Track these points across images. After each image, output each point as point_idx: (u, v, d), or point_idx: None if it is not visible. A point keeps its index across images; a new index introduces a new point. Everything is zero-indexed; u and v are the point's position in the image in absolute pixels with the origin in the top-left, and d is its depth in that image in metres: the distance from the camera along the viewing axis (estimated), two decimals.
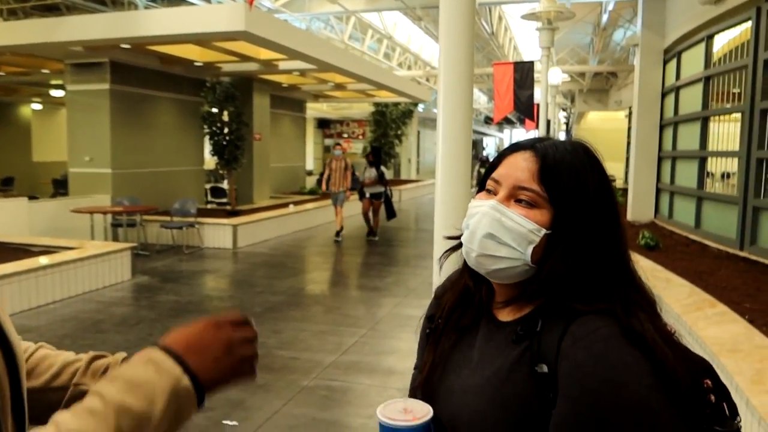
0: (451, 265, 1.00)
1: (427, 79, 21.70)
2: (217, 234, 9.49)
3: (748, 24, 7.48)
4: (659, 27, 10.56)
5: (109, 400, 0.62)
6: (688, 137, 9.43)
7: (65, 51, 9.17)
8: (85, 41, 8.50)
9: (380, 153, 10.60)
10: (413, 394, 0.95)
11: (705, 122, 8.85)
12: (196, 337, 0.71)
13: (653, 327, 0.78)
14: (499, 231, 0.83)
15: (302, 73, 12.16)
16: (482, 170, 8.59)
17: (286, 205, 12.11)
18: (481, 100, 38.22)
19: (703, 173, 9.00)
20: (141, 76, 10.36)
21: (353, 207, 11.39)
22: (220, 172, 12.21)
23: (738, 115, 8.04)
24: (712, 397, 0.79)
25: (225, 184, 14.06)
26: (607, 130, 27.15)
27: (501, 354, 0.83)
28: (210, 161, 12.06)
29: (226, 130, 10.49)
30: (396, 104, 19.68)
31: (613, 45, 18.51)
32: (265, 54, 10.04)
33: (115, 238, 9.05)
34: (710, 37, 8.69)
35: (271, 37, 8.01)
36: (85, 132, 9.94)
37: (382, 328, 5.39)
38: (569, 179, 0.82)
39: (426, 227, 12.31)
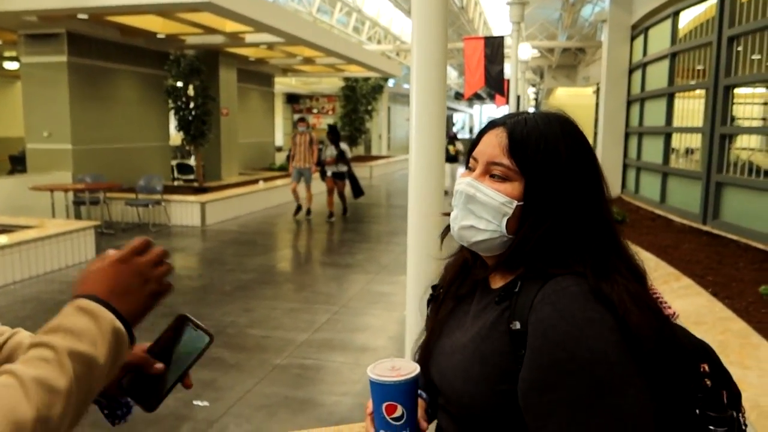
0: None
1: (397, 54, 21.48)
2: (184, 211, 9.31)
3: (713, 1, 7.56)
4: (627, 3, 10.60)
5: (59, 347, 0.64)
6: (655, 113, 9.56)
7: (18, 21, 8.75)
8: (39, 11, 8.12)
9: (337, 131, 10.14)
10: (413, 356, 1.03)
11: (671, 98, 8.98)
12: (113, 279, 0.74)
13: (627, 291, 0.79)
14: (475, 206, 0.87)
15: (270, 46, 11.89)
16: (450, 147, 8.39)
17: (255, 181, 11.93)
18: (451, 75, 38.13)
19: (668, 149, 9.16)
20: (100, 49, 9.99)
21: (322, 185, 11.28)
22: (187, 148, 11.93)
23: (702, 92, 8.17)
24: (708, 382, 0.78)
25: (192, 161, 13.78)
26: (575, 106, 27.40)
27: (485, 315, 0.89)
28: (176, 137, 11.75)
29: (191, 105, 10.23)
30: (366, 79, 19.48)
31: (582, 21, 18.58)
32: (231, 26, 9.76)
33: (78, 217, 8.80)
34: (676, 14, 8.77)
35: (237, 9, 7.78)
36: (43, 106, 9.56)
37: (354, 305, 5.38)
38: (537, 151, 0.84)
39: (397, 203, 12.31)
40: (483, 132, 0.93)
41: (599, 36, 17.44)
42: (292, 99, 25.29)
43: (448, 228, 1.01)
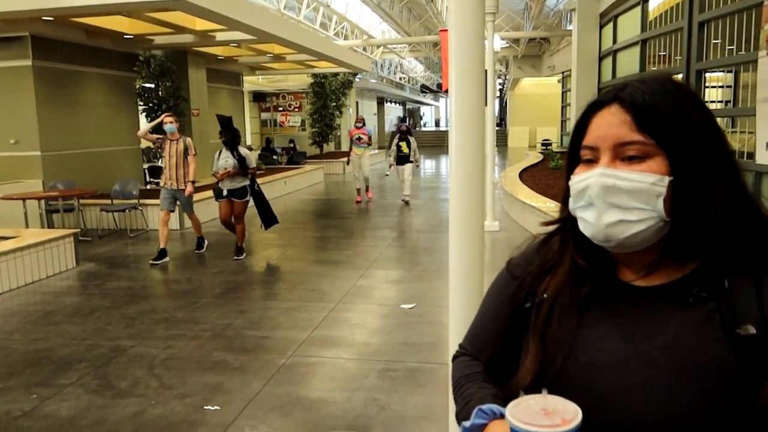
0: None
1: (364, 49, 21.42)
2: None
3: None
4: None
5: None
6: None
7: None
8: (1, 13, 7.83)
9: (232, 125, 7.23)
10: (520, 387, 0.83)
11: None
12: None
13: None
14: (619, 197, 0.75)
15: (239, 44, 11.72)
16: (401, 144, 8.10)
17: None
18: (417, 69, 38.22)
19: None
20: (66, 51, 9.69)
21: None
22: (159, 149, 11.66)
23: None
24: None
25: (161, 163, 13.50)
26: (540, 95, 27.80)
27: (670, 320, 0.76)
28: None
29: (163, 107, 10.01)
30: (335, 75, 19.37)
31: (547, 11, 18.81)
32: (202, 24, 9.59)
33: (51, 225, 8.54)
34: (645, 1, 8.95)
35: (208, 6, 7.63)
36: (8, 112, 9.23)
37: (350, 300, 5.35)
38: (670, 117, 0.75)
39: (374, 199, 12.27)
40: (587, 116, 0.81)
41: (564, 25, 17.71)
42: (258, 97, 24.97)
43: (547, 236, 0.91)
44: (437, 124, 61.43)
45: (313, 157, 19.38)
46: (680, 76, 7.83)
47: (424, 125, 59.47)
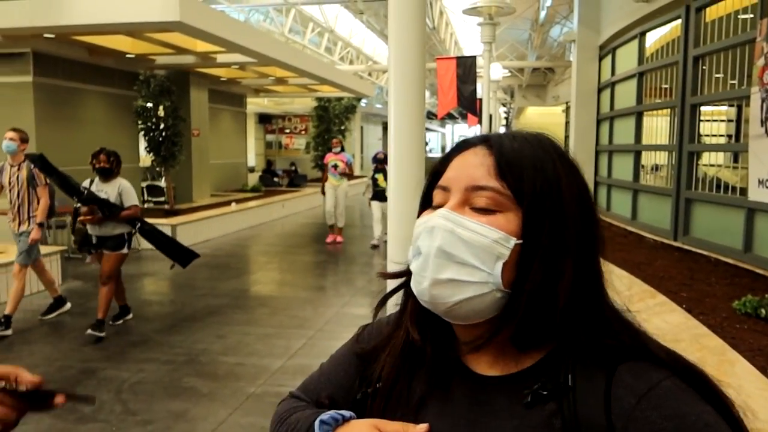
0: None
1: (369, 74, 21.60)
2: None
3: (678, 21, 7.76)
4: (594, 23, 10.84)
5: None
6: (624, 131, 9.73)
7: None
8: (3, 29, 7.94)
9: (110, 154, 5.58)
10: None
11: (639, 117, 9.15)
12: None
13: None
14: (454, 246, 0.63)
15: (242, 66, 11.83)
16: (377, 176, 7.61)
17: (227, 203, 11.77)
18: None
19: (638, 166, 9.31)
20: (68, 68, 9.79)
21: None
22: (157, 169, 11.72)
23: (667, 110, 8.34)
24: None
25: (162, 182, 13.55)
26: (545, 125, 27.87)
27: (506, 425, 0.64)
28: (146, 158, 11.55)
29: (162, 126, 10.07)
30: (339, 99, 19.51)
31: (550, 41, 18.96)
32: (202, 46, 9.69)
33: (44, 242, 8.52)
34: (643, 34, 8.97)
35: (207, 29, 7.70)
36: (7, 128, 9.28)
37: (330, 329, 5.27)
38: (535, 171, 0.64)
39: (371, 223, 12.22)
40: (451, 155, 0.72)
41: (568, 56, 17.81)
42: (264, 119, 25.19)
43: (390, 293, 0.79)
44: (443, 150, 61.71)
45: (314, 180, 19.43)
46: (676, 108, 7.81)
47: (430, 151, 59.79)
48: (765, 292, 4.95)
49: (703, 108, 7.70)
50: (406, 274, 0.73)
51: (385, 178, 8.63)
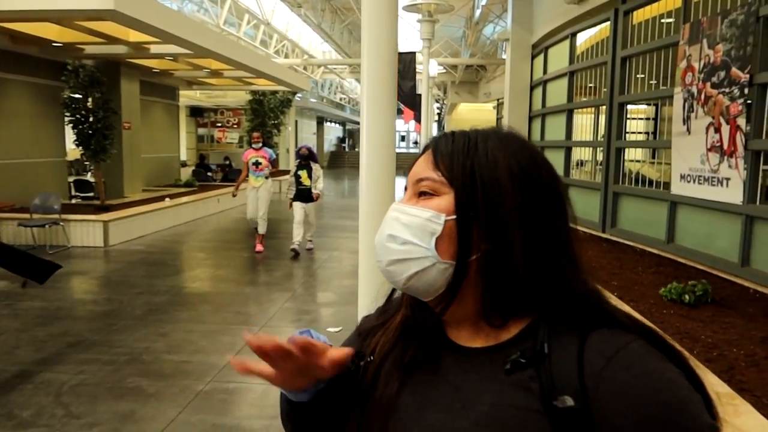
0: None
1: (305, 68, 21.43)
2: (85, 231, 8.74)
3: (607, 23, 8.15)
4: (528, 23, 11.20)
5: None
6: (555, 128, 10.12)
7: None
8: None
9: None
10: None
11: (570, 114, 9.54)
12: None
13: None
14: (398, 230, 0.73)
15: (175, 58, 11.48)
16: (301, 173, 7.76)
17: (161, 198, 11.41)
18: (358, 89, 38.50)
19: (569, 162, 9.71)
20: None
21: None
22: (86, 163, 11.21)
23: (597, 108, 8.75)
24: None
25: (90, 177, 12.97)
26: (476, 121, 28.42)
27: (487, 389, 0.69)
28: (73, 152, 11.03)
29: (92, 118, 9.63)
30: (274, 93, 19.25)
31: (483, 39, 19.41)
32: (135, 36, 9.33)
33: None
34: (574, 35, 9.36)
35: (143, 18, 7.44)
36: None
37: (276, 324, 5.25)
38: (465, 157, 0.73)
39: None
40: (416, 160, 0.81)
41: (500, 54, 18.29)
42: (195, 112, 24.51)
43: (393, 291, 0.86)
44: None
45: None
46: (604, 107, 8.21)
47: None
48: (688, 280, 5.32)
49: (629, 107, 8.13)
50: None
51: (309, 176, 8.08)
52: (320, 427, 0.82)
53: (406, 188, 0.79)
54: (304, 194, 8.10)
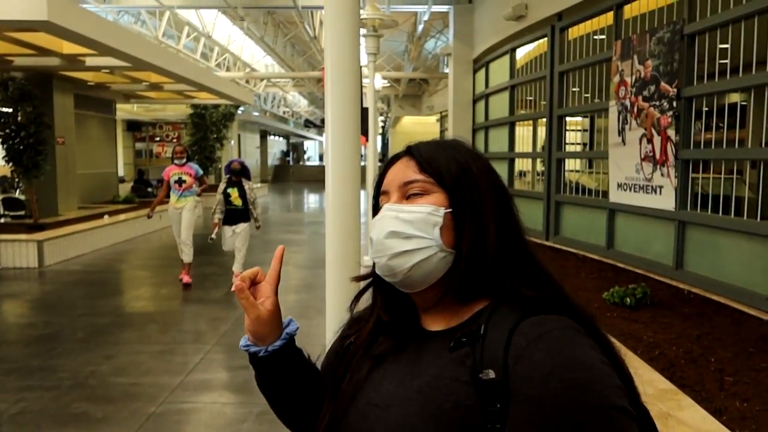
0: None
1: (247, 81, 21.20)
2: (17, 252, 8.31)
3: (545, 39, 8.47)
4: (468, 39, 11.50)
5: None
6: (499, 140, 10.41)
7: None
8: None
9: None
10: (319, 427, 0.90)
11: (512, 126, 9.83)
12: None
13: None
14: (400, 226, 0.81)
15: (112, 70, 11.13)
16: (230, 191, 6.83)
17: (99, 215, 11.00)
18: (301, 103, 38.36)
19: (512, 173, 9.99)
20: None
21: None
22: (16, 180, 10.68)
23: (538, 121, 9.05)
24: None
25: (20, 194, 12.36)
26: (420, 134, 28.86)
27: (433, 363, 0.79)
28: (3, 168, 10.49)
29: (23, 134, 9.20)
30: (216, 106, 18.93)
31: (425, 53, 19.75)
32: (69, 48, 9.01)
33: None
34: (513, 50, 9.67)
35: (78, 29, 7.20)
36: None
37: (228, 341, 5.14)
38: (449, 161, 0.84)
39: (253, 233, 12.02)
40: (385, 170, 0.90)
41: (442, 68, 18.66)
42: (133, 126, 23.77)
43: (360, 292, 0.97)
44: (321, 158, 61.77)
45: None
46: (544, 119, 8.50)
47: (308, 159, 59.64)
48: (628, 284, 5.56)
49: (567, 119, 8.45)
50: (372, 274, 0.92)
51: (240, 195, 6.88)
52: (288, 388, 0.97)
53: (382, 193, 0.88)
54: (234, 216, 6.93)
